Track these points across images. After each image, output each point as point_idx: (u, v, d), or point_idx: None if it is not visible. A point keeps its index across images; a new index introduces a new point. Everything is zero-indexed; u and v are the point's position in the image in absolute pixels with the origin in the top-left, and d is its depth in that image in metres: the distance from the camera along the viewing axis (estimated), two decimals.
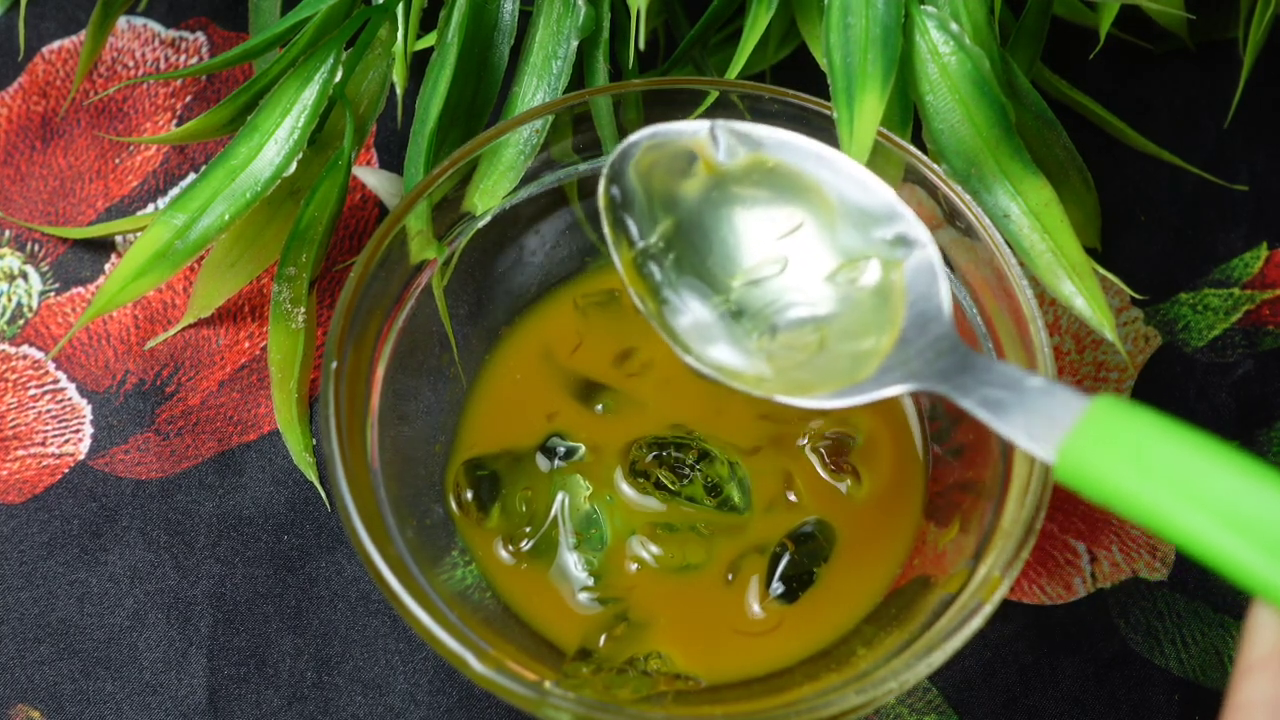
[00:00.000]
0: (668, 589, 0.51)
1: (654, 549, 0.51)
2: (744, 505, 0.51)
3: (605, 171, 0.48)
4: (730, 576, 0.51)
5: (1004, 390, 0.43)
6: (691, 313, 0.48)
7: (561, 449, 0.52)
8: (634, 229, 0.48)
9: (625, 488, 0.51)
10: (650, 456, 0.51)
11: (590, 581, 0.51)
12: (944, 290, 0.46)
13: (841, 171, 0.48)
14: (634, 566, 0.51)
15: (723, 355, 0.47)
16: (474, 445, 0.53)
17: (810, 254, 0.48)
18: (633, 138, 0.48)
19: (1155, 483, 0.39)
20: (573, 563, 0.51)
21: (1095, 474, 0.40)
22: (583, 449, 0.52)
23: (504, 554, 0.51)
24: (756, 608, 0.50)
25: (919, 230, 0.47)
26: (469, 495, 0.52)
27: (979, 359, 0.44)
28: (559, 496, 0.51)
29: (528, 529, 0.51)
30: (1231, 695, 0.38)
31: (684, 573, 0.51)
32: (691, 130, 0.48)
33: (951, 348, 0.45)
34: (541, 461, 0.52)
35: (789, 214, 0.48)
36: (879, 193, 0.47)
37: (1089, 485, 0.40)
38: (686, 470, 0.51)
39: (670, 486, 0.51)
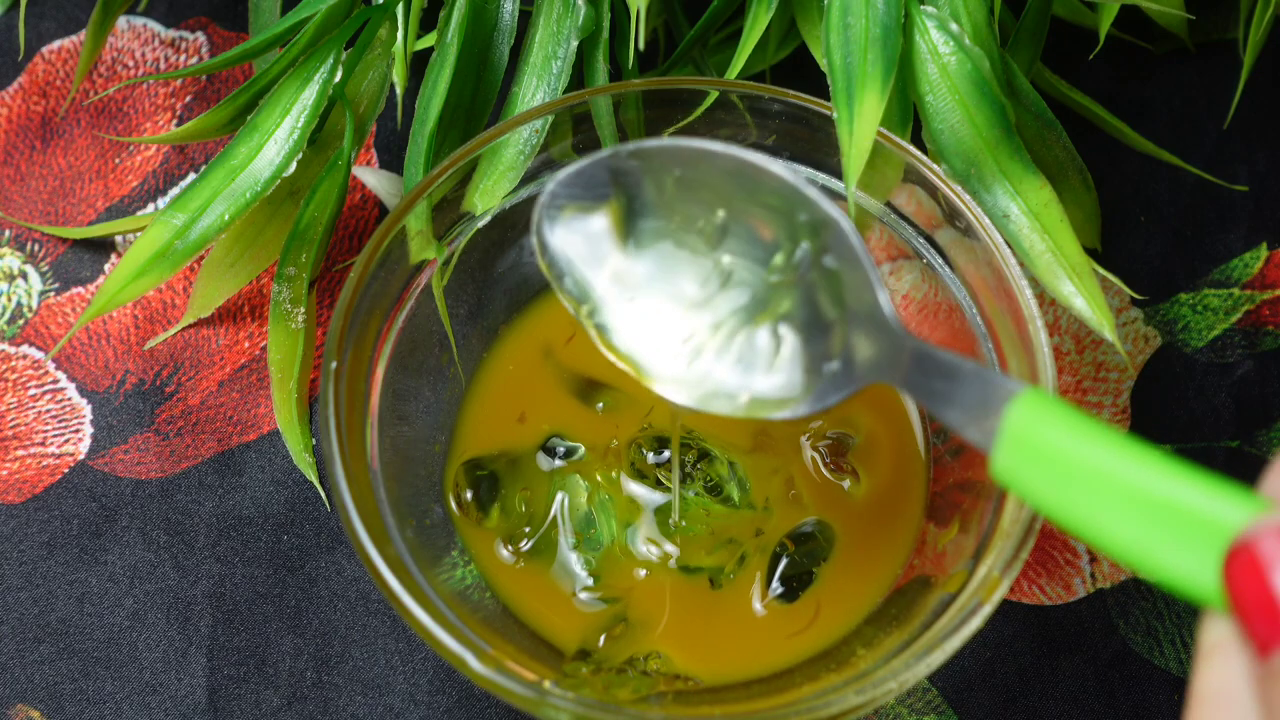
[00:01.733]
0: (667, 589, 0.51)
1: (654, 549, 0.51)
2: (744, 504, 0.51)
3: (535, 246, 0.46)
4: (730, 576, 0.51)
5: (944, 381, 0.41)
6: (669, 352, 0.46)
7: (561, 448, 0.52)
8: (580, 291, 0.47)
9: (625, 487, 0.51)
10: (650, 456, 0.51)
11: (590, 581, 0.51)
12: (870, 273, 0.43)
13: (736, 166, 0.45)
14: (634, 566, 0.51)
15: (721, 385, 0.46)
16: (473, 445, 0.53)
17: (747, 256, 0.46)
18: (540, 200, 0.46)
19: (1072, 495, 0.37)
20: (572, 562, 0.51)
21: (1018, 480, 0.38)
22: (582, 449, 0.52)
23: (504, 554, 0.51)
24: (757, 607, 0.50)
25: (827, 209, 0.44)
26: (468, 495, 0.52)
27: (920, 347, 0.42)
28: (558, 496, 0.51)
29: (527, 529, 0.51)
30: (1192, 682, 0.37)
31: (683, 573, 0.51)
32: (589, 171, 0.46)
33: (887, 335, 0.43)
34: (541, 461, 0.52)
35: (709, 221, 0.46)
36: (778, 179, 0.45)
37: (1018, 489, 0.38)
38: (687, 470, 0.51)
39: (670, 486, 0.51)
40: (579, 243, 0.47)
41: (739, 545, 0.51)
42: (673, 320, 0.47)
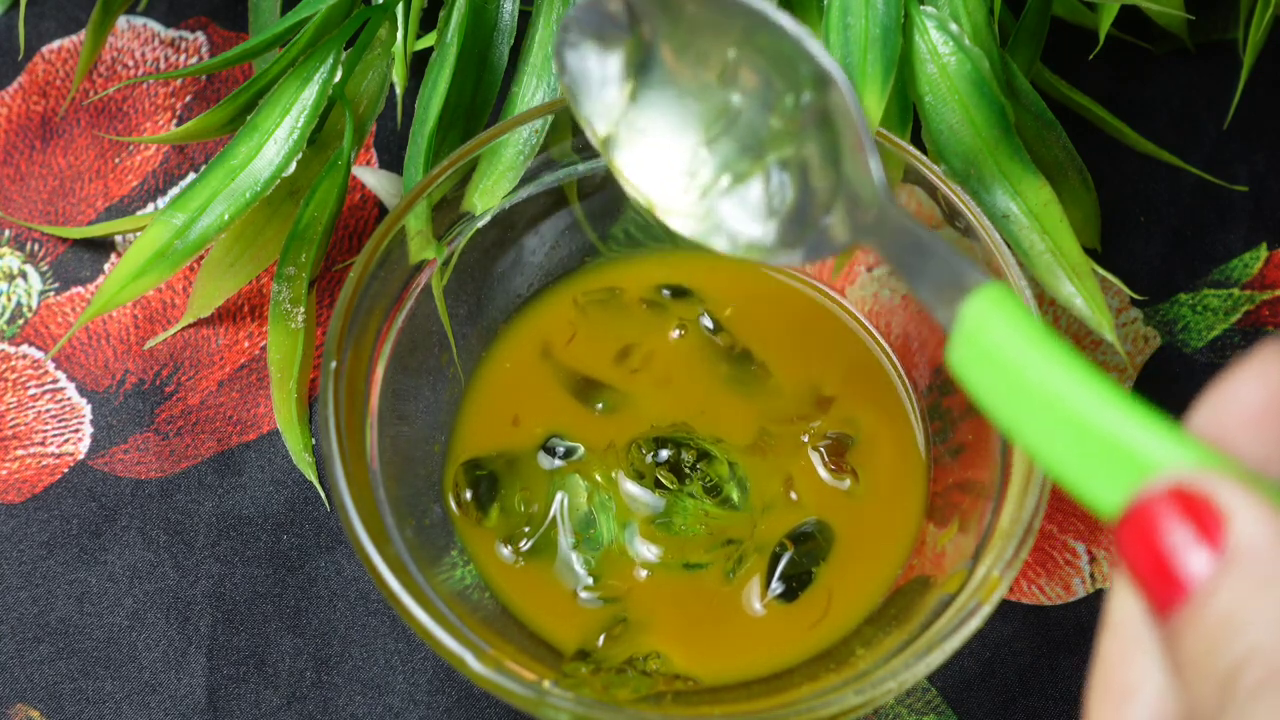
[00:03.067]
0: (667, 589, 0.51)
1: (653, 549, 0.51)
2: (743, 505, 0.51)
3: (554, 64, 0.47)
4: (730, 576, 0.51)
5: (918, 256, 0.41)
6: (677, 185, 0.47)
7: (561, 448, 0.52)
8: (595, 115, 0.47)
9: (625, 487, 0.51)
10: (650, 456, 0.51)
11: (589, 581, 0.51)
12: (863, 134, 0.43)
13: (744, 10, 0.45)
14: (633, 566, 0.51)
15: (723, 222, 0.46)
16: (473, 445, 0.53)
17: (755, 97, 0.46)
18: (560, 26, 0.47)
19: (1010, 401, 0.36)
20: (572, 562, 0.51)
21: (967, 375, 0.37)
22: (582, 449, 0.52)
23: (503, 554, 0.51)
24: (757, 607, 0.50)
25: (827, 65, 0.44)
26: (468, 495, 0.52)
27: (899, 218, 0.42)
28: (558, 496, 0.51)
29: (527, 529, 0.51)
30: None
31: (683, 572, 0.51)
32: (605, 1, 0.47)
33: (874, 199, 0.43)
34: (541, 461, 0.52)
35: (721, 58, 0.46)
36: (782, 28, 0.44)
37: (966, 384, 0.37)
38: (686, 470, 0.51)
39: (670, 486, 0.51)
40: (595, 71, 0.47)
41: (738, 545, 0.51)
42: (682, 154, 0.47)
